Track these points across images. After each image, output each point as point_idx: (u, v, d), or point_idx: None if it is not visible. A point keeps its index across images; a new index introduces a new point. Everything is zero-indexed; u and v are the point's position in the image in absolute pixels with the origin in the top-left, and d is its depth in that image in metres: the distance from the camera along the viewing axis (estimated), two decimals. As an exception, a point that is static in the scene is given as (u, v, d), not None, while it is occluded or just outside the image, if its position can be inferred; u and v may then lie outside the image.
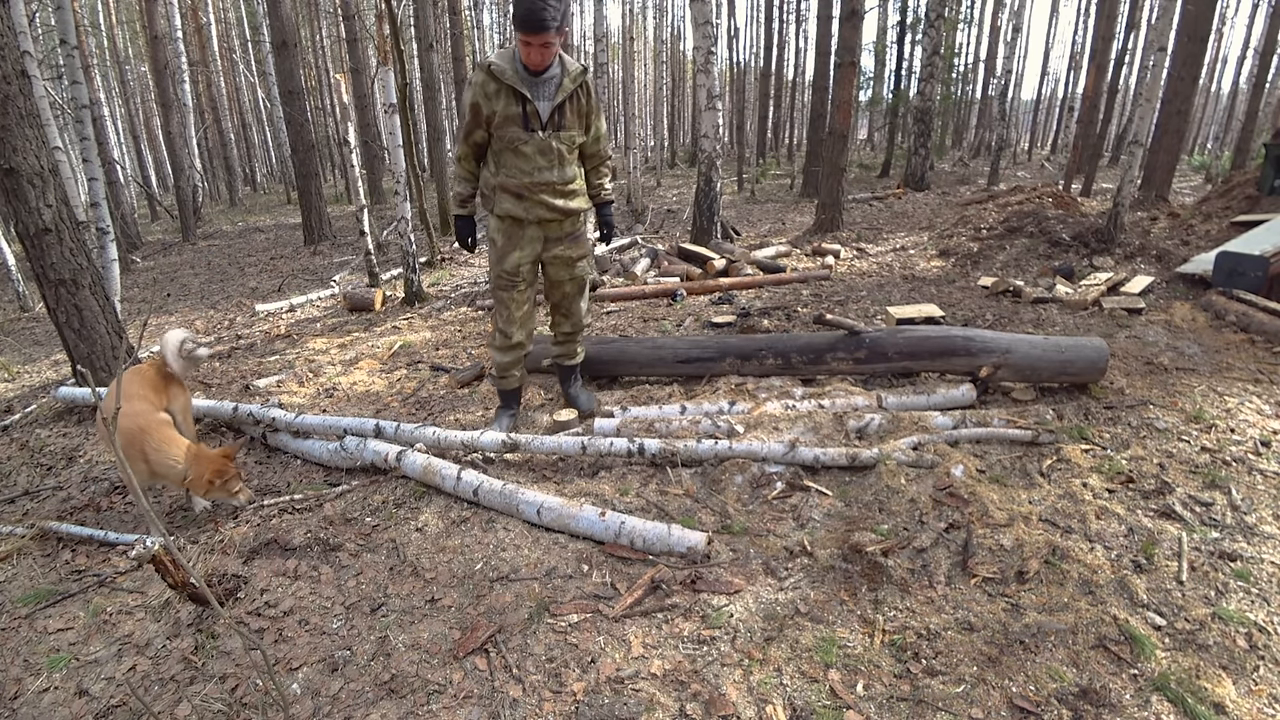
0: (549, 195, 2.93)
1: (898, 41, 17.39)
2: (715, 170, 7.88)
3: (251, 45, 21.62)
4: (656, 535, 2.30)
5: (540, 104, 2.80)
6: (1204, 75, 21.31)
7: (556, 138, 2.86)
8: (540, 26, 2.58)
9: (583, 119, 2.94)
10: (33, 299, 7.84)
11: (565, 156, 2.92)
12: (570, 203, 3.00)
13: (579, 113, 2.91)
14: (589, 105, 2.93)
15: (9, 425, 3.95)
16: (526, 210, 2.94)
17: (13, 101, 3.45)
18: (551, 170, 2.90)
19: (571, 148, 2.93)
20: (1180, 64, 8.51)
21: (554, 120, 2.84)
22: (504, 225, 3.01)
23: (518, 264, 3.03)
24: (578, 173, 3.02)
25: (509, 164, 2.89)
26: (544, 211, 2.95)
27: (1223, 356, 3.81)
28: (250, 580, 2.30)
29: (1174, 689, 1.70)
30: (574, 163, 2.99)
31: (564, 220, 3.05)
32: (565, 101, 2.84)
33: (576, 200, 3.03)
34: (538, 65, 2.72)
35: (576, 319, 3.34)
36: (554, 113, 2.83)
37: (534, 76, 2.77)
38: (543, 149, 2.86)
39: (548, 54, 2.69)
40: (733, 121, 27.08)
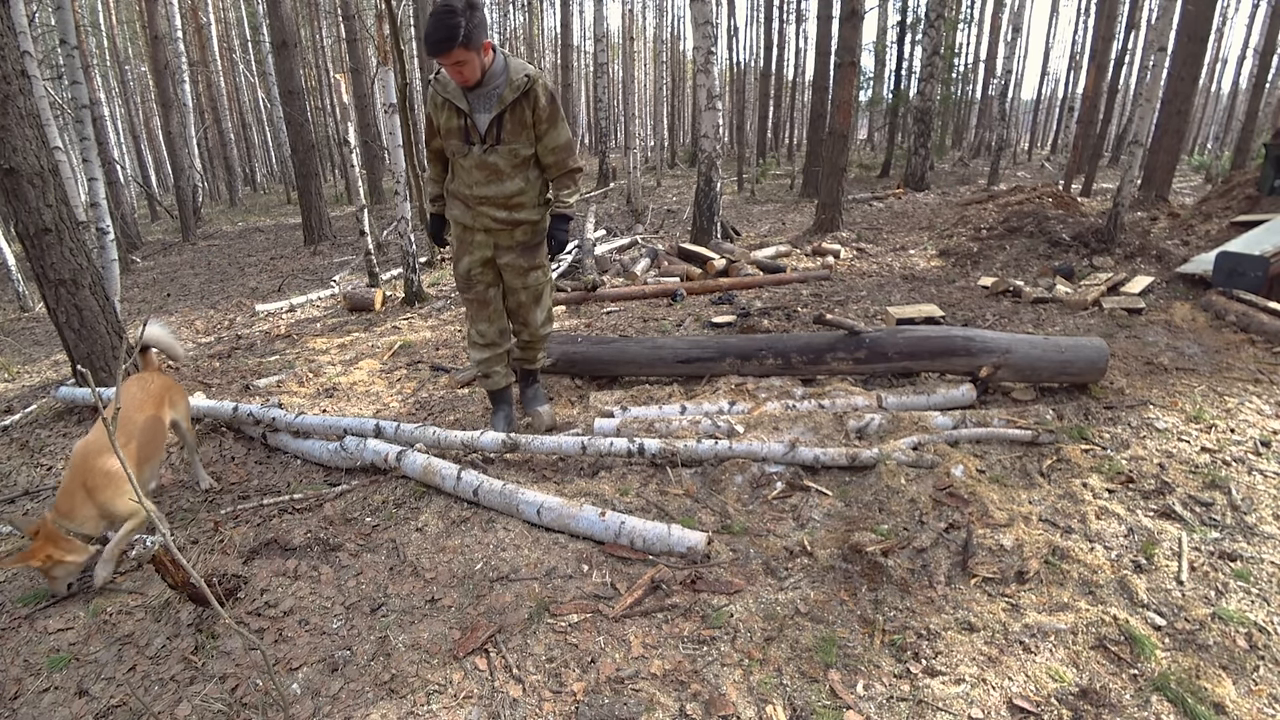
0: (490, 208, 2.85)
1: (898, 41, 17.40)
2: (715, 170, 7.88)
3: (251, 45, 21.64)
4: (656, 535, 2.30)
5: (479, 116, 2.70)
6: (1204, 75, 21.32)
7: (495, 151, 2.73)
8: (440, 47, 2.48)
9: (528, 130, 2.73)
10: (33, 299, 7.84)
11: (505, 171, 2.77)
12: (516, 214, 2.88)
13: (521, 123, 2.71)
14: (535, 114, 2.70)
15: (9, 425, 3.95)
16: (473, 218, 2.90)
17: (13, 101, 3.45)
18: (489, 185, 2.80)
19: (514, 161, 2.77)
20: (1180, 64, 8.51)
21: (493, 133, 2.71)
22: (456, 230, 3.00)
23: (468, 268, 2.99)
24: (528, 184, 2.85)
25: (457, 173, 2.87)
26: (489, 221, 2.88)
27: (1223, 356, 3.81)
28: (250, 580, 2.30)
29: (1174, 689, 1.70)
30: (521, 175, 2.82)
31: (513, 230, 2.93)
32: (505, 113, 2.68)
33: (525, 212, 2.89)
34: (463, 82, 2.61)
35: (533, 329, 3.20)
36: (493, 125, 2.70)
37: (475, 89, 2.66)
38: (479, 164, 2.76)
39: (465, 70, 2.56)
40: (733, 121, 27.09)
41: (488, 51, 2.60)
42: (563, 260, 7.16)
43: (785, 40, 24.55)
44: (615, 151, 23.65)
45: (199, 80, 21.15)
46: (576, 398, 3.70)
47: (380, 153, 14.89)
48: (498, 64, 2.65)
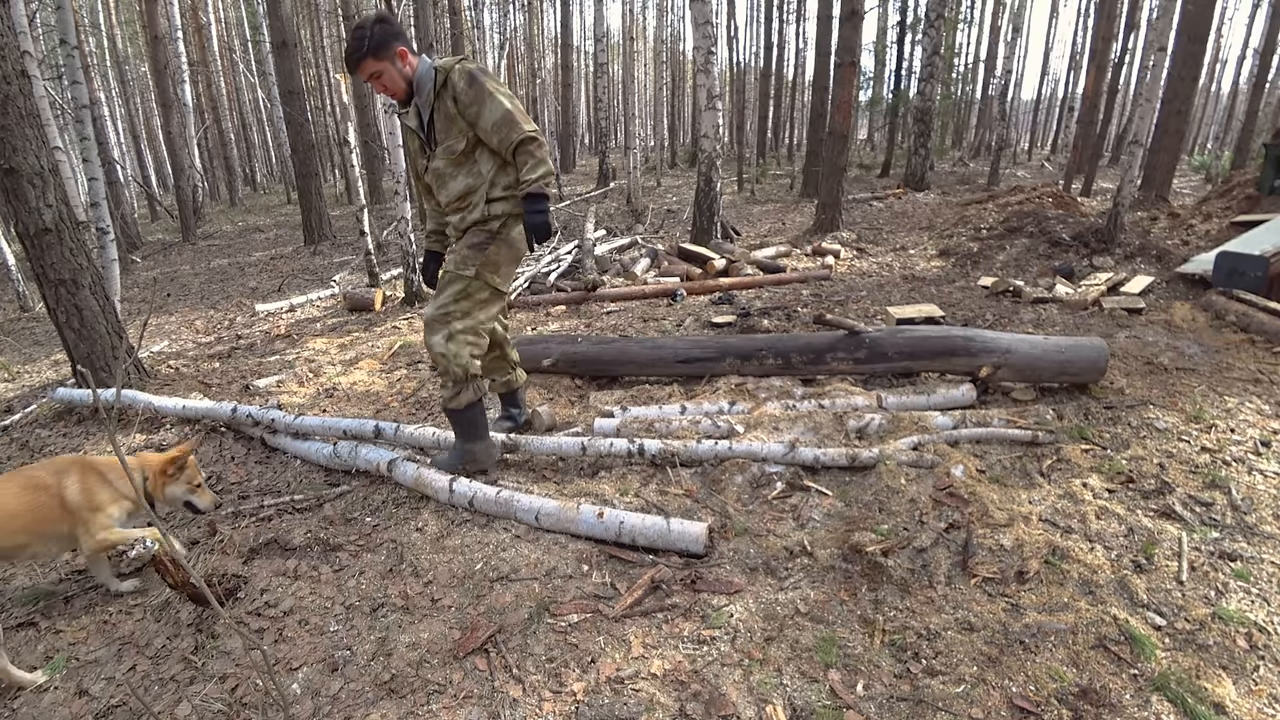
0: (450, 215, 2.75)
1: (898, 41, 17.40)
2: (715, 170, 7.89)
3: (251, 45, 21.62)
4: (657, 531, 2.30)
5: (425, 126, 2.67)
6: (1204, 75, 21.33)
7: (435, 155, 2.67)
8: (350, 62, 2.50)
9: (456, 121, 2.57)
10: (33, 299, 7.84)
11: (447, 172, 2.65)
12: (467, 215, 2.69)
13: (448, 117, 2.57)
14: (458, 103, 2.54)
15: (9, 425, 3.95)
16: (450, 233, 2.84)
17: (13, 101, 3.45)
18: (441, 192, 2.71)
19: (451, 159, 2.63)
20: (1180, 64, 8.51)
21: (433, 138, 2.66)
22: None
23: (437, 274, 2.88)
24: (478, 180, 2.65)
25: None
26: (452, 231, 2.79)
27: (1223, 356, 3.81)
28: (250, 580, 2.30)
29: (1174, 689, 1.70)
30: (466, 172, 2.64)
31: (463, 234, 2.75)
32: (434, 113, 2.61)
33: (475, 211, 2.67)
34: (392, 96, 2.61)
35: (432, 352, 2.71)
36: (430, 131, 2.65)
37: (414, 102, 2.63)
38: (432, 173, 2.70)
39: (386, 82, 2.55)
40: (733, 121, 27.08)
41: (405, 60, 2.53)
42: (563, 260, 7.17)
43: (785, 40, 24.54)
44: (615, 151, 23.63)
45: (199, 80, 21.14)
46: (576, 398, 3.70)
47: (380, 153, 14.87)
48: (422, 69, 2.57)
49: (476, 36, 22.49)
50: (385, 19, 2.51)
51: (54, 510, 2.13)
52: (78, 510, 2.15)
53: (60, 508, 2.13)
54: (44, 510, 2.11)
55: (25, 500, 2.09)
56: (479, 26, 23.25)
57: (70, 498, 2.15)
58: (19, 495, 2.09)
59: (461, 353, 2.66)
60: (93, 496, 2.18)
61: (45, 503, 2.12)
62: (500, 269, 2.72)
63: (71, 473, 2.19)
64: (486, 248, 2.68)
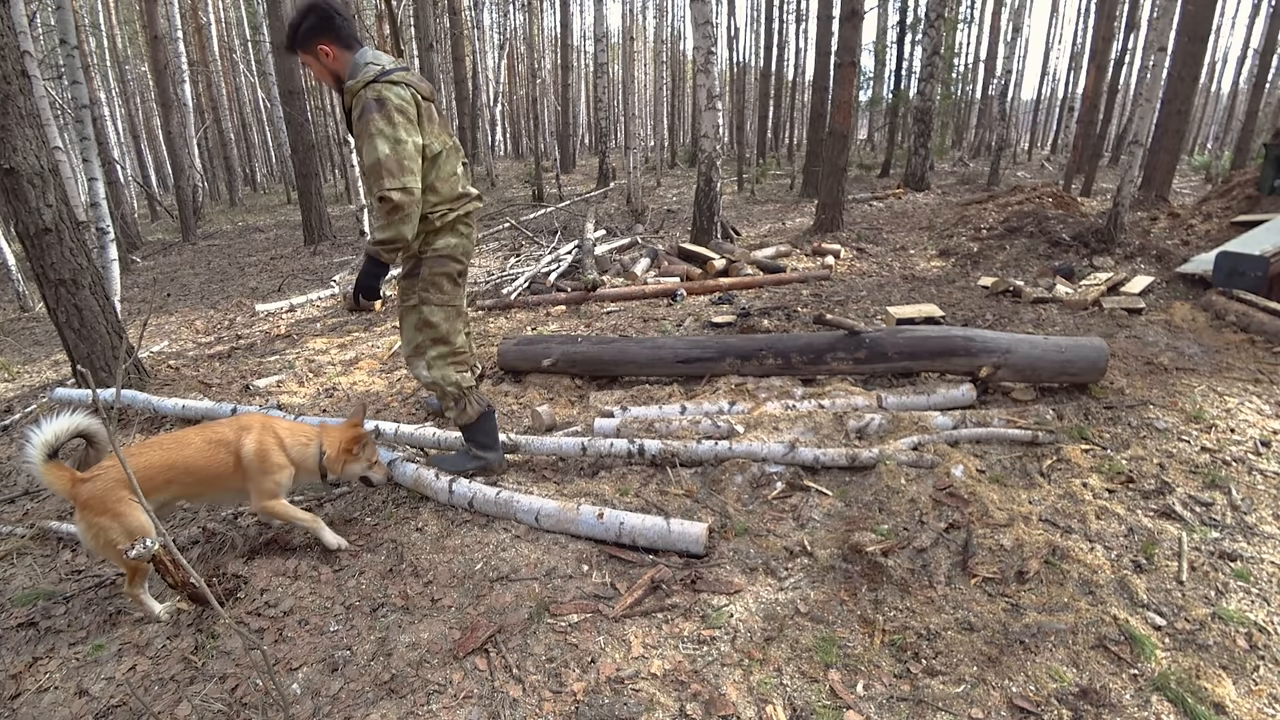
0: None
1: (898, 41, 17.39)
2: (715, 170, 7.88)
3: (251, 45, 21.63)
4: (657, 531, 2.30)
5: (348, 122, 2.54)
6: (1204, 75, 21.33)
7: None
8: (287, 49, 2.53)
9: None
10: (33, 299, 7.84)
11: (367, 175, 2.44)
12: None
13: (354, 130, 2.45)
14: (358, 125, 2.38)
15: (9, 425, 3.95)
16: None
17: (13, 101, 3.45)
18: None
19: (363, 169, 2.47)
20: (1180, 64, 8.50)
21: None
22: None
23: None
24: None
25: None
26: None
27: (1223, 356, 3.81)
28: (250, 580, 2.30)
29: (1174, 689, 1.70)
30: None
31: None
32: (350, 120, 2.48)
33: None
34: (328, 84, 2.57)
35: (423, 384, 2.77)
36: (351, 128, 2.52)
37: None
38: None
39: (313, 72, 2.54)
40: (733, 121, 27.08)
41: (329, 55, 2.45)
42: (563, 260, 7.17)
43: (785, 40, 24.53)
44: (615, 151, 23.63)
45: (199, 80, 21.14)
46: (576, 397, 3.70)
47: (380, 153, 14.85)
48: (353, 66, 2.45)
49: (476, 36, 22.50)
50: (317, 8, 2.42)
51: (229, 466, 2.25)
52: (249, 469, 2.27)
53: (235, 465, 2.25)
54: (221, 465, 2.24)
55: (206, 454, 2.23)
56: (479, 26, 23.26)
57: (245, 456, 2.26)
58: (202, 449, 2.24)
59: (447, 374, 2.70)
60: (266, 458, 2.29)
61: (223, 459, 2.24)
62: (442, 286, 2.68)
63: (252, 431, 2.30)
64: (418, 272, 2.67)
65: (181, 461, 2.20)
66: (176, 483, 2.20)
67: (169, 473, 2.18)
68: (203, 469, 2.22)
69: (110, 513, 2.06)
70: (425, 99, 2.51)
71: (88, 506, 2.05)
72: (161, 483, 2.17)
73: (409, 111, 2.38)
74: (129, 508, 2.08)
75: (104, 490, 2.07)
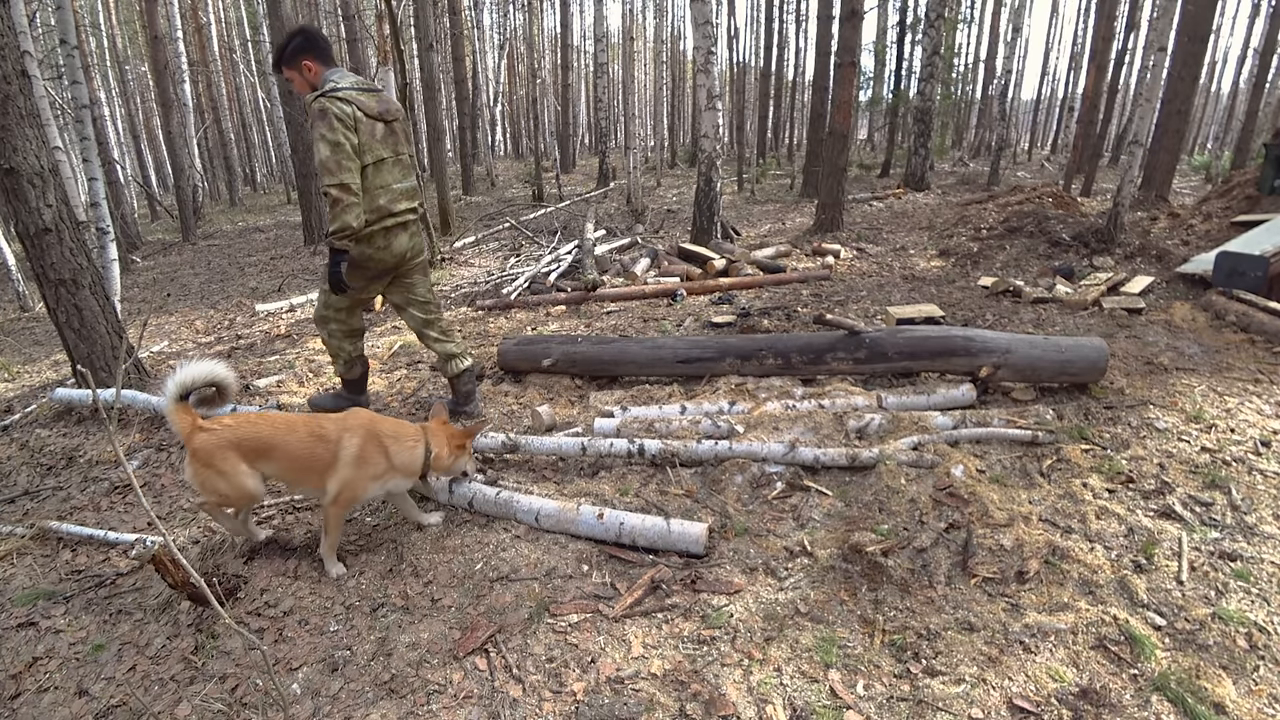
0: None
1: (898, 41, 17.39)
2: (715, 170, 7.88)
3: (251, 45, 21.63)
4: (657, 531, 2.30)
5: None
6: (1204, 75, 21.30)
7: None
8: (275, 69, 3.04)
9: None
10: (33, 299, 7.84)
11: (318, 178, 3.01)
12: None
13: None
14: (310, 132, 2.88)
15: (9, 425, 3.95)
16: None
17: (13, 101, 3.45)
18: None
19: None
20: (1180, 64, 8.50)
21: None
22: None
23: None
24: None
25: None
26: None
27: (1223, 356, 3.81)
28: (250, 580, 2.30)
29: (1174, 689, 1.70)
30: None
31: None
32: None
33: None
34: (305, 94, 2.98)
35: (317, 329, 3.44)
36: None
37: None
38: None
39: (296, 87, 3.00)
40: (733, 121, 27.08)
41: (311, 71, 2.92)
42: (563, 260, 7.17)
43: (785, 40, 24.52)
44: (615, 151, 23.63)
45: (199, 80, 21.13)
46: (576, 397, 3.70)
47: (380, 153, 14.86)
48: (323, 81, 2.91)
49: (476, 36, 22.50)
50: (304, 31, 2.95)
51: (324, 463, 2.26)
52: (342, 470, 2.26)
53: (330, 463, 2.26)
54: (316, 461, 2.26)
55: (307, 446, 2.27)
56: (479, 26, 23.27)
57: (343, 457, 2.26)
58: (304, 440, 2.27)
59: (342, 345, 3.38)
60: (364, 463, 2.27)
61: (319, 454, 2.26)
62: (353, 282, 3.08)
63: (356, 435, 2.29)
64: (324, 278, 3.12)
65: (283, 445, 2.26)
66: (274, 462, 2.27)
67: (272, 451, 2.26)
68: (300, 458, 2.26)
69: (214, 468, 2.20)
70: (370, 116, 2.92)
71: (196, 455, 2.21)
72: (264, 457, 2.26)
73: (347, 123, 2.81)
74: (231, 466, 2.21)
75: (213, 445, 2.20)
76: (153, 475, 3.17)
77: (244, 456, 2.23)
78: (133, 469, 3.26)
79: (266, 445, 2.26)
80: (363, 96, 2.90)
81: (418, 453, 2.36)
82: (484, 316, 5.71)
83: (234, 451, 2.22)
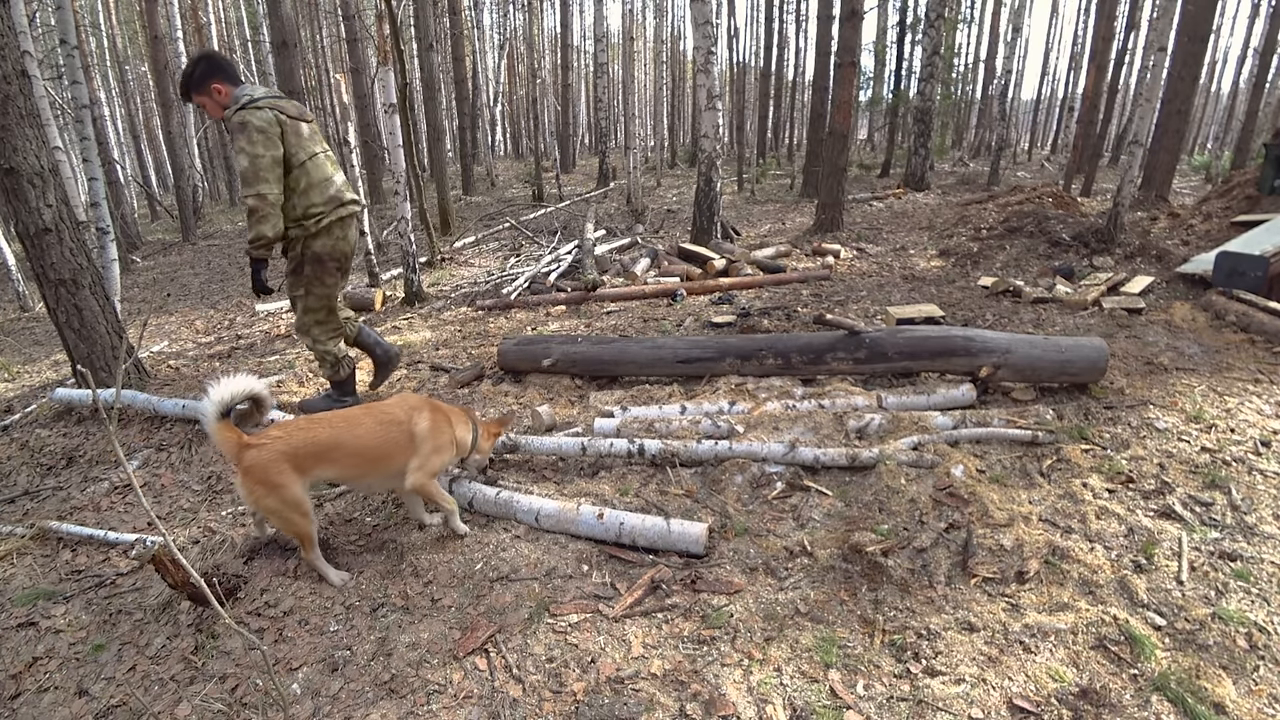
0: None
1: (898, 41, 17.38)
2: (715, 170, 7.88)
3: (251, 45, 21.60)
4: (657, 531, 2.30)
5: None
6: (1204, 75, 21.30)
7: None
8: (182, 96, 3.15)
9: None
10: (33, 299, 7.84)
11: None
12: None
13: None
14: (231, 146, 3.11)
15: (9, 425, 3.95)
16: None
17: (13, 101, 3.45)
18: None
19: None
20: (1180, 64, 8.50)
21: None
22: None
23: None
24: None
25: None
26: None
27: (1223, 356, 3.81)
28: (250, 580, 2.30)
29: (1174, 689, 1.70)
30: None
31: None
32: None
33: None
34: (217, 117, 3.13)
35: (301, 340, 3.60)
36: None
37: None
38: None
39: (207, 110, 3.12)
40: (733, 121, 27.06)
41: (221, 94, 3.04)
42: (563, 260, 7.17)
43: (785, 40, 24.50)
44: (615, 151, 23.63)
45: (199, 80, 21.08)
46: (576, 397, 3.70)
47: (380, 153, 14.88)
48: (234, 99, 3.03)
49: (476, 36, 22.50)
50: (208, 57, 3.09)
51: (401, 446, 2.24)
52: (421, 448, 2.26)
53: (408, 444, 2.25)
54: (393, 446, 2.23)
55: (379, 434, 2.22)
56: (479, 26, 23.27)
57: (419, 434, 2.26)
58: (374, 429, 2.22)
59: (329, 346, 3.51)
60: (439, 436, 2.32)
61: (396, 438, 2.23)
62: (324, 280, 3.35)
63: (424, 411, 2.31)
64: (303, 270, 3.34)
65: (351, 442, 2.18)
66: (340, 463, 2.17)
67: (334, 452, 2.16)
68: (375, 449, 2.20)
69: (269, 484, 2.07)
70: (292, 118, 3.09)
71: (249, 473, 2.07)
72: (325, 461, 2.15)
73: (270, 131, 2.97)
74: (288, 479, 2.08)
75: (266, 460, 2.07)
76: (153, 475, 3.17)
77: (301, 466, 2.11)
78: (133, 469, 3.26)
79: (327, 447, 2.14)
80: (280, 102, 3.08)
81: (470, 431, 2.41)
82: (484, 316, 5.71)
83: (289, 463, 2.09)
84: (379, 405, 2.36)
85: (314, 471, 2.15)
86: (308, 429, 2.18)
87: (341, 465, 2.19)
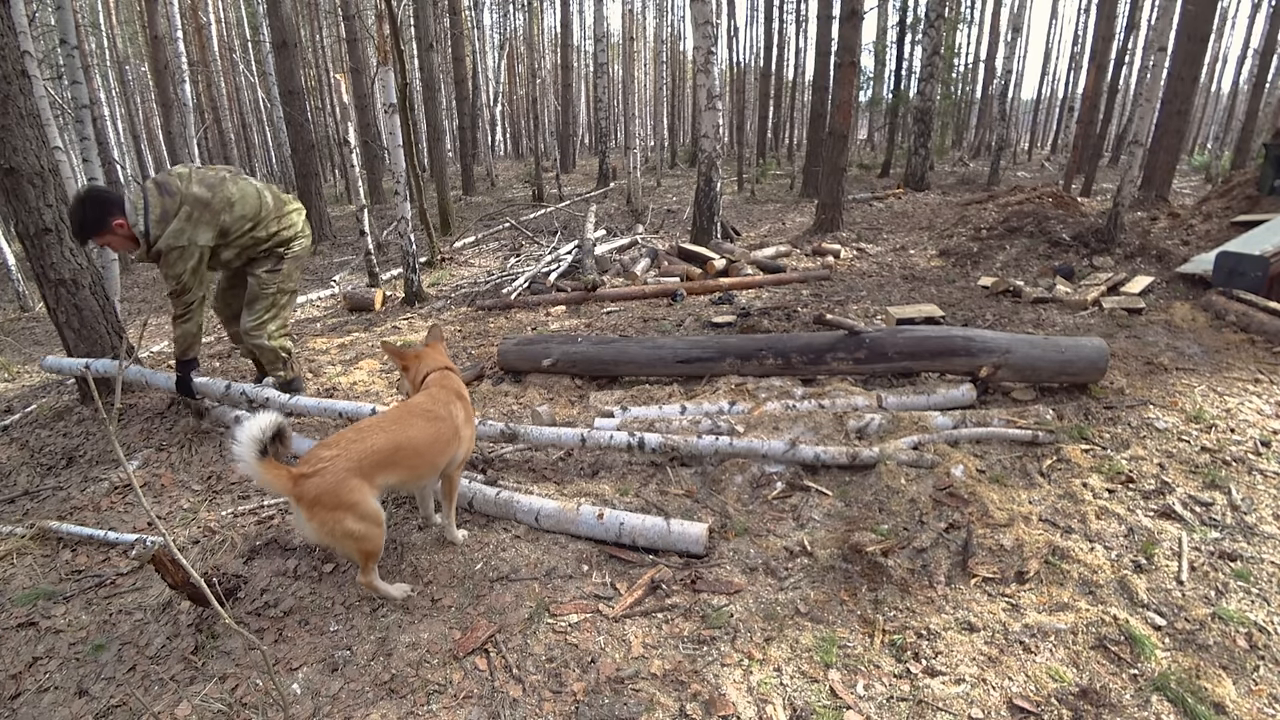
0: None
1: (898, 41, 17.39)
2: (715, 170, 7.88)
3: (251, 45, 21.61)
4: (657, 531, 2.30)
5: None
6: (1204, 75, 21.29)
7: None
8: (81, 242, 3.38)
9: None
10: (33, 299, 7.83)
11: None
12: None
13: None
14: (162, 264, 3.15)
15: (9, 425, 3.95)
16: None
17: (13, 101, 3.44)
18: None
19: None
20: (1180, 64, 8.50)
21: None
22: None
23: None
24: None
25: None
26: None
27: (1223, 356, 3.81)
28: (250, 580, 2.30)
29: (1174, 689, 1.70)
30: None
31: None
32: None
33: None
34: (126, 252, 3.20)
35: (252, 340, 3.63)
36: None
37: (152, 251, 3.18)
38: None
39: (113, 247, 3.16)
40: (733, 121, 27.05)
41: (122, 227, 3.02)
42: (563, 260, 7.17)
43: (785, 40, 24.50)
44: (615, 151, 23.62)
45: (199, 80, 21.13)
46: (576, 398, 3.70)
47: (380, 153, 14.88)
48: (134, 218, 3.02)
49: (476, 36, 22.49)
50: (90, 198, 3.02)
51: (449, 438, 2.20)
52: (464, 433, 2.27)
53: (455, 435, 2.22)
54: (445, 441, 2.18)
55: (430, 431, 2.14)
56: (479, 26, 23.26)
57: (460, 422, 2.26)
58: (426, 429, 2.14)
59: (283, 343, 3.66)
60: (471, 418, 2.37)
61: (444, 433, 2.18)
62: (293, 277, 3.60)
63: (452, 397, 2.29)
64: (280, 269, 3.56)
65: (408, 442, 2.07)
66: (401, 466, 2.06)
67: (396, 454, 2.04)
68: (431, 446, 2.12)
69: (344, 505, 1.91)
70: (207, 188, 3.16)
71: (319, 502, 1.89)
72: (388, 467, 2.03)
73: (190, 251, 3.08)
74: (362, 495, 1.95)
75: (334, 483, 1.91)
76: (153, 475, 3.17)
77: (368, 477, 1.97)
78: (133, 469, 3.26)
79: (389, 452, 2.02)
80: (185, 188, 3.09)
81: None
82: (484, 316, 5.71)
83: (358, 478, 1.95)
84: (414, 403, 2.25)
85: (377, 481, 2.02)
86: (362, 439, 2.02)
87: (403, 469, 2.07)
